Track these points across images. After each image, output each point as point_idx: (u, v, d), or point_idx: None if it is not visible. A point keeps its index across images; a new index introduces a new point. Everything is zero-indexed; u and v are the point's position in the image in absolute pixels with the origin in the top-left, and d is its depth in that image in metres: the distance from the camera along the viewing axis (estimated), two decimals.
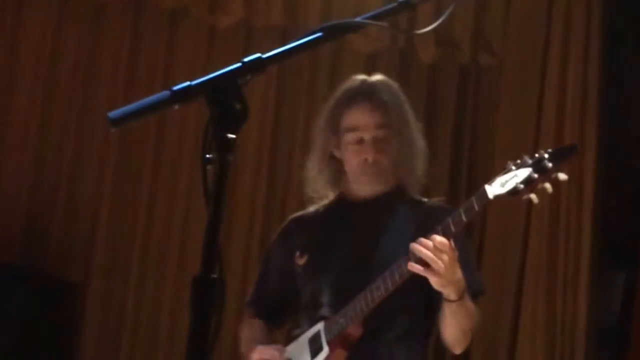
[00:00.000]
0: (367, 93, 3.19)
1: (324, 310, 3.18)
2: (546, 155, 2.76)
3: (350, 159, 3.18)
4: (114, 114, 1.98)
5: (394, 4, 2.20)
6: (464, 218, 2.88)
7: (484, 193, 2.84)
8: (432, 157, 4.96)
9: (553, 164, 2.74)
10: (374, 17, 2.18)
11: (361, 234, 3.22)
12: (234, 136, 1.95)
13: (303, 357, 3.18)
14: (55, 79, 5.52)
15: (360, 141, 3.15)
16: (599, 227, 4.80)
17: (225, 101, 1.97)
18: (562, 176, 2.77)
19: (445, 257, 2.85)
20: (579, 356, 4.71)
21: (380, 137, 3.14)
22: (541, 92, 4.96)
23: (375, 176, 3.18)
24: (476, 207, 2.87)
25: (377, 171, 3.17)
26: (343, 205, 3.27)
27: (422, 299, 3.12)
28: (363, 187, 3.21)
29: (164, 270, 5.30)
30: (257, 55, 2.00)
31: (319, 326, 3.16)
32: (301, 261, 3.27)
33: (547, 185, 2.76)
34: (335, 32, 2.14)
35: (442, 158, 5.11)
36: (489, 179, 4.88)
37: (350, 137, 3.16)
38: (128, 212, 5.38)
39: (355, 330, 3.08)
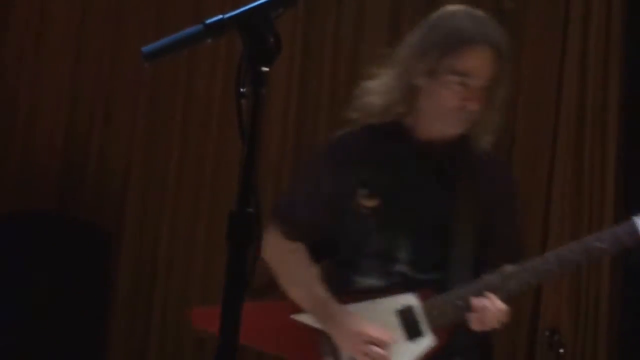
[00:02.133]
0: (488, 37, 2.91)
1: (401, 267, 2.96)
2: None
3: (445, 97, 2.91)
4: (147, 48, 1.99)
5: None
6: (607, 249, 2.83)
7: (636, 229, 2.76)
8: None
9: None
10: None
11: (436, 185, 3.02)
12: (267, 69, 1.95)
13: (391, 330, 2.93)
14: (87, 22, 5.49)
15: (464, 84, 2.90)
16: (624, 163, 4.77)
17: (258, 34, 1.96)
18: None
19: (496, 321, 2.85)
20: (604, 293, 4.70)
21: (486, 87, 2.92)
22: (564, 37, 4.93)
23: (463, 123, 2.95)
24: (627, 243, 2.79)
25: (467, 119, 2.94)
26: (410, 143, 3.01)
27: None
28: (437, 128, 2.97)
29: (196, 212, 5.28)
30: None
31: (410, 300, 2.93)
32: (370, 203, 2.96)
33: None
34: None
35: None
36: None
37: (454, 78, 2.89)
38: (160, 154, 5.36)
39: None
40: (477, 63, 2.89)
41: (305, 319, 3.01)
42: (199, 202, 5.29)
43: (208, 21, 1.98)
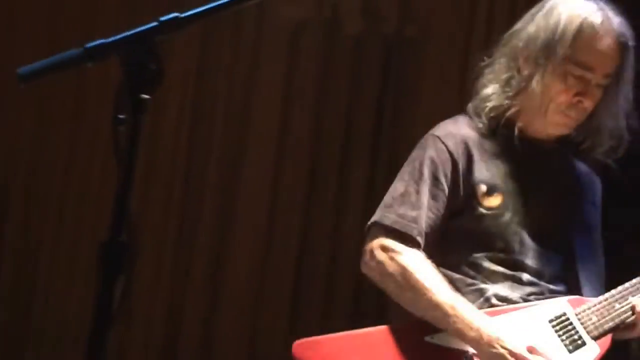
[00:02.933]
0: (615, 28, 2.64)
1: (528, 276, 2.66)
2: None
3: (558, 90, 2.65)
4: (23, 69, 1.95)
5: None
6: None
7: None
8: (354, 126, 5.01)
9: None
10: None
11: (554, 188, 2.77)
12: (147, 97, 1.92)
13: (549, 343, 2.58)
14: None
15: (581, 79, 2.65)
16: None
17: (139, 60, 1.93)
18: None
19: None
20: None
21: (603, 85, 2.67)
22: (465, 63, 4.97)
23: (572, 122, 2.70)
24: None
25: (577, 118, 2.70)
26: (522, 141, 2.72)
27: None
28: (541, 124, 2.72)
29: (78, 240, 5.14)
30: (174, 14, 1.96)
31: (562, 307, 2.62)
32: (491, 202, 2.65)
33: None
34: None
35: (364, 128, 5.10)
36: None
37: (573, 70, 2.63)
38: (43, 178, 5.23)
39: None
40: (601, 56, 2.63)
41: (442, 340, 2.59)
42: (81, 230, 5.16)
43: (88, 45, 1.94)
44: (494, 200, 2.64)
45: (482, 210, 2.64)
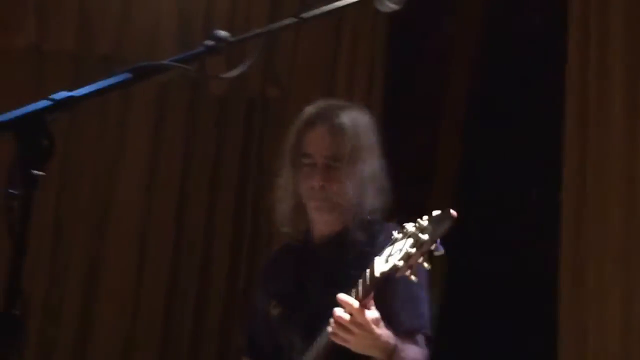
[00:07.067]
0: (324, 117, 3.08)
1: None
2: (425, 223, 2.57)
3: (299, 181, 3.08)
4: None
5: (202, 49, 2.23)
6: (360, 293, 2.69)
7: (372, 269, 2.67)
8: (219, 188, 5.05)
9: (429, 237, 2.55)
10: (182, 60, 2.21)
11: (317, 285, 3.08)
12: (40, 173, 1.95)
13: None
14: None
15: (312, 165, 3.04)
16: None
17: (32, 138, 1.96)
18: (439, 251, 2.58)
19: (354, 329, 2.69)
20: None
21: (331, 164, 3.03)
22: None
23: (323, 202, 3.05)
24: (368, 283, 2.68)
25: (324, 197, 3.03)
26: (307, 246, 3.17)
27: None
28: (318, 218, 3.10)
29: None
30: (69, 94, 2.01)
31: None
32: (275, 311, 3.16)
33: (423, 262, 2.60)
34: (144, 74, 2.16)
35: (228, 189, 5.19)
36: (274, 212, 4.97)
37: (301, 160, 3.07)
38: None
39: None
40: (313, 140, 3.03)
41: None
42: None
43: None
44: (277, 310, 3.13)
45: (272, 319, 3.15)
